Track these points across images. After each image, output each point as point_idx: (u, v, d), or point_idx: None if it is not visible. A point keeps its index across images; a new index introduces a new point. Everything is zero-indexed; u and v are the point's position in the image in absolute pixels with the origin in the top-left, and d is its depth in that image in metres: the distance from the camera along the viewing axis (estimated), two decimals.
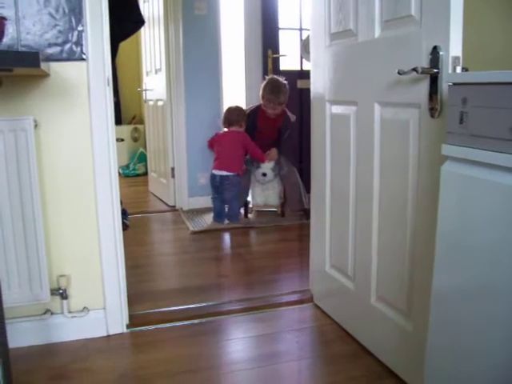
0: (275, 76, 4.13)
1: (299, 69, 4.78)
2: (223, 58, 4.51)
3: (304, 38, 4.65)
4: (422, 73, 1.54)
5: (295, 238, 3.65)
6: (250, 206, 4.23)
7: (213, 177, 4.02)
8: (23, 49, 2.00)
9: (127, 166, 6.32)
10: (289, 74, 4.25)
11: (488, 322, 1.19)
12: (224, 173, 3.95)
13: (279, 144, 4.08)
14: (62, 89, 2.07)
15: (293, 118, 4.09)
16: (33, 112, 2.03)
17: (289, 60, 4.73)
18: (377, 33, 1.85)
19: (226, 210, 4.09)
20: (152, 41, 4.85)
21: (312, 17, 2.38)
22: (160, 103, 4.75)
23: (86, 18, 2.04)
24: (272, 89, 3.96)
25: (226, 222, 4.05)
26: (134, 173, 6.26)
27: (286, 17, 4.72)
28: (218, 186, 4.00)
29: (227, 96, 4.63)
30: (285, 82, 4.02)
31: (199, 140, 4.41)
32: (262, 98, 4.01)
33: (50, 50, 2.04)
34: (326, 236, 2.36)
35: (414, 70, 1.54)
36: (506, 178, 1.12)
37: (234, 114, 4.07)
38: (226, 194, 4.00)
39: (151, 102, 5.09)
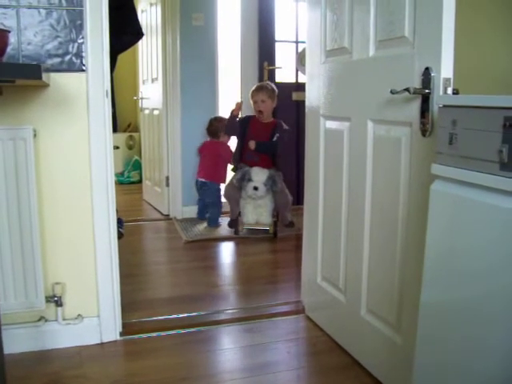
0: None
1: (295, 81, 4.83)
2: (219, 69, 4.56)
3: (300, 50, 4.71)
4: (414, 93, 1.58)
5: (288, 248, 3.68)
6: (241, 223, 4.05)
7: (196, 182, 4.36)
8: (24, 59, 2.03)
9: (122, 174, 6.34)
10: (284, 87, 4.31)
11: (474, 341, 1.22)
12: (203, 180, 4.27)
13: (274, 158, 4.06)
14: (61, 99, 2.10)
15: (285, 126, 4.08)
16: (32, 121, 2.06)
17: (284, 72, 4.78)
18: (371, 52, 1.90)
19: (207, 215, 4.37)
20: (149, 50, 4.88)
21: (308, 33, 2.43)
22: (156, 112, 4.78)
23: (87, 30, 2.08)
24: (257, 86, 4.11)
25: (205, 225, 4.27)
26: (128, 180, 6.28)
27: (282, 29, 4.77)
28: (198, 190, 4.33)
29: (223, 106, 4.67)
30: (272, 84, 4.10)
31: (194, 149, 4.45)
32: (250, 99, 4.09)
33: (51, 61, 2.07)
34: (318, 249, 2.40)
35: (407, 90, 1.59)
36: (494, 199, 1.16)
37: (212, 126, 4.34)
38: (206, 199, 4.31)
39: (147, 111, 5.12)
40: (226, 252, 3.80)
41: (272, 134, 4.02)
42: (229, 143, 4.40)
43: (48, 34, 2.06)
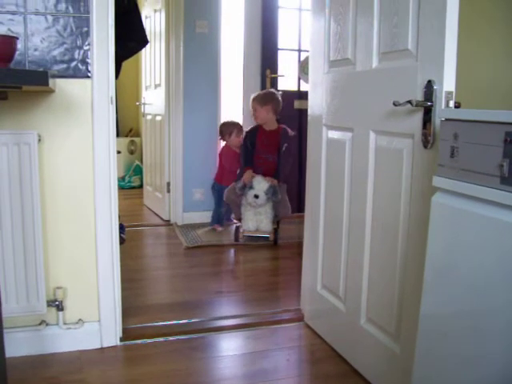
0: None
1: (297, 89, 4.85)
2: (222, 76, 4.58)
3: (302, 59, 4.73)
4: (417, 105, 1.60)
5: (288, 256, 3.69)
6: (241, 230, 4.05)
7: None
8: (30, 65, 2.05)
9: (123, 178, 6.36)
10: (286, 95, 4.32)
11: (473, 356, 1.23)
12: (214, 181, 4.43)
13: (278, 168, 4.06)
14: (66, 105, 2.12)
15: (291, 133, 4.09)
16: (37, 126, 2.08)
17: (287, 80, 4.81)
18: (374, 63, 1.92)
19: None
20: (153, 56, 4.91)
21: (311, 43, 2.45)
22: (158, 118, 4.80)
23: (93, 37, 2.10)
24: (257, 95, 4.14)
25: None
26: (129, 185, 6.29)
27: (285, 38, 4.80)
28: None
29: (225, 114, 4.69)
30: (270, 91, 4.14)
31: (196, 156, 4.47)
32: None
33: (57, 67, 2.09)
34: (318, 257, 2.41)
35: (409, 102, 1.61)
36: (494, 213, 1.17)
37: (220, 130, 4.42)
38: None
39: (149, 117, 5.14)
40: (226, 259, 3.81)
41: (279, 142, 4.04)
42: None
43: (54, 40, 2.08)
